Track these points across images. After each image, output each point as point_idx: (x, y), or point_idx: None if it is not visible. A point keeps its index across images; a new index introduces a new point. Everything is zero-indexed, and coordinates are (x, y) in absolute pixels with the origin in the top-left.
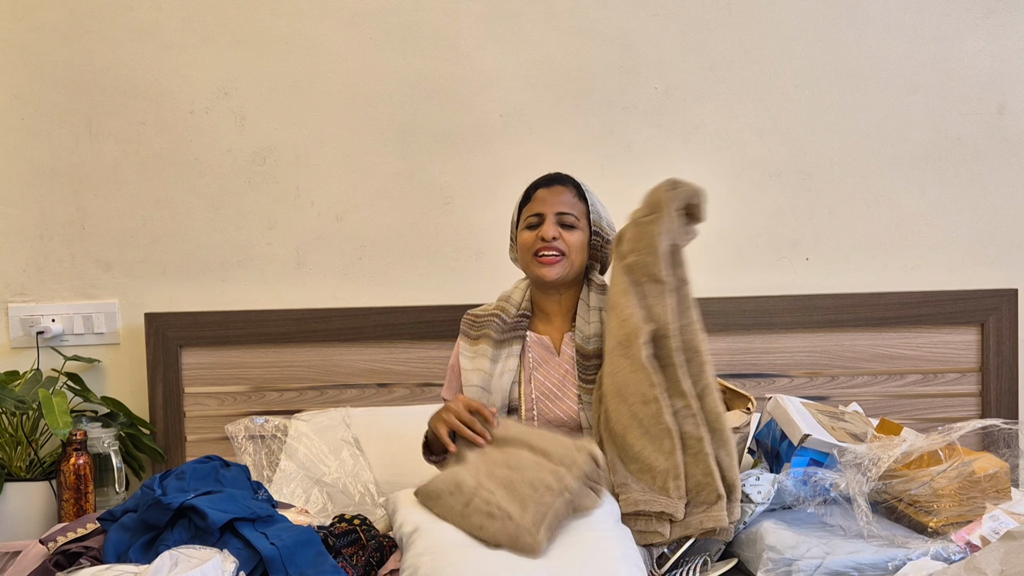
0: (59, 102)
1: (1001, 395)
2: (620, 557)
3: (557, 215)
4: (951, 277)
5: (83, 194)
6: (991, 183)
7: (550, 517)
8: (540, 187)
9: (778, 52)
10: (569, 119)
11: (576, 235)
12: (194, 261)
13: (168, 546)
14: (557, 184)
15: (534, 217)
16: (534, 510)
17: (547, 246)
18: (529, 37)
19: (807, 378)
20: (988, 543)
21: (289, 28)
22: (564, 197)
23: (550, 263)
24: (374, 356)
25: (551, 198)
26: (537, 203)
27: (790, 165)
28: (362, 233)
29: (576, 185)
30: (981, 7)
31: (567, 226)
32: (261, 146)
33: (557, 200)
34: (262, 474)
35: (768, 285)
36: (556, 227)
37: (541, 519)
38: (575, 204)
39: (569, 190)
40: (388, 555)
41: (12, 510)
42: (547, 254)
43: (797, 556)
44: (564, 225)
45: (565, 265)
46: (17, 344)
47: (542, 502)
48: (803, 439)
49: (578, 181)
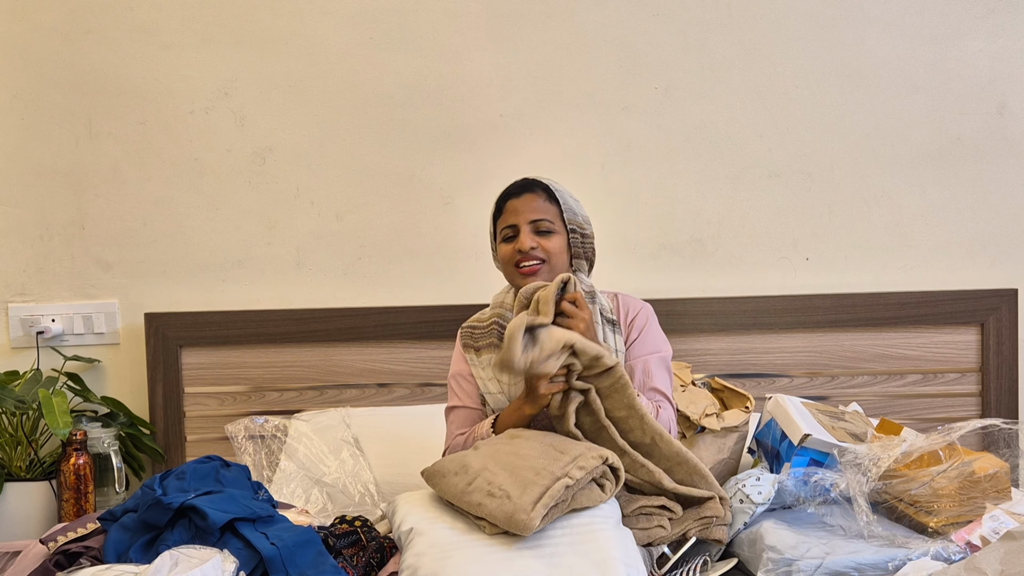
0: (59, 102)
1: (1001, 395)
2: (619, 556)
3: (531, 223)
4: (951, 277)
5: (83, 194)
6: (991, 183)
7: (546, 498)
8: (510, 197)
9: (778, 52)
10: (569, 119)
11: (554, 240)
12: (194, 261)
13: (168, 546)
14: (526, 192)
15: (508, 229)
16: (532, 491)
17: (526, 256)
18: (529, 37)
19: (807, 378)
20: (988, 543)
21: (289, 28)
22: (535, 204)
23: (532, 272)
24: (374, 356)
25: (522, 207)
26: (509, 214)
27: (790, 165)
28: (362, 233)
29: (545, 188)
30: (981, 7)
31: (543, 232)
32: (261, 146)
33: (528, 208)
34: (262, 474)
35: (768, 285)
36: (532, 236)
37: (537, 498)
38: (547, 208)
39: (539, 195)
40: (388, 556)
41: (12, 510)
42: (527, 264)
43: (797, 556)
44: (540, 232)
45: (548, 271)
46: (17, 344)
47: (541, 483)
48: (803, 439)
49: (546, 183)
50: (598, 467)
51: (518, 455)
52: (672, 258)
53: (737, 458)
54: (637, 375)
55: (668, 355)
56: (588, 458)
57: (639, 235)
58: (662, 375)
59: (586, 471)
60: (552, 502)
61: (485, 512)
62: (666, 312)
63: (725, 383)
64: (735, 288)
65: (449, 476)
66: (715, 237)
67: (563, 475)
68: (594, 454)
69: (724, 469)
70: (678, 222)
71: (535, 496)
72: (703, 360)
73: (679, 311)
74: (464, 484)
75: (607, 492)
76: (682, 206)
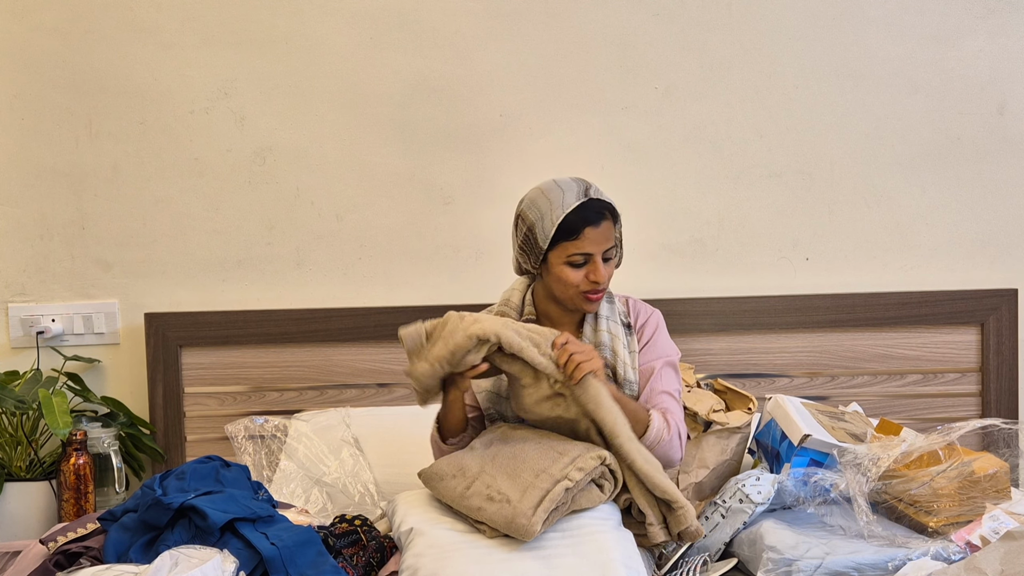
0: (59, 102)
1: (1001, 395)
2: (619, 558)
3: (604, 252)
4: (951, 277)
5: (83, 194)
6: (991, 183)
7: (546, 502)
8: (589, 225)
9: (778, 52)
10: (569, 119)
11: (612, 265)
12: (194, 261)
13: (168, 546)
14: (604, 221)
15: (581, 256)
16: (532, 495)
17: (599, 288)
18: (529, 37)
19: (807, 378)
20: (988, 543)
21: (289, 28)
22: (610, 233)
23: (599, 300)
24: (374, 356)
25: (600, 237)
26: (587, 243)
27: (790, 165)
28: (362, 233)
29: (613, 212)
30: (981, 7)
31: (607, 259)
32: (261, 146)
33: (604, 239)
34: (262, 474)
35: (768, 285)
36: (604, 266)
37: (538, 503)
38: (613, 235)
39: (611, 223)
40: (389, 556)
41: (12, 510)
42: (597, 294)
43: (797, 556)
44: (606, 259)
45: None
46: (17, 344)
47: (541, 487)
48: (803, 439)
49: (612, 206)
50: (597, 467)
51: (516, 457)
52: (672, 258)
53: (739, 459)
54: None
55: (676, 359)
56: (587, 459)
57: (639, 235)
58: (670, 378)
59: (585, 472)
60: (552, 506)
61: (485, 516)
62: (666, 312)
63: (728, 384)
64: (735, 288)
65: (447, 479)
66: (715, 237)
67: (563, 477)
68: (593, 455)
69: (726, 470)
70: (678, 222)
71: (535, 500)
72: (703, 360)
73: (679, 311)
74: (462, 488)
75: (606, 492)
76: (682, 206)
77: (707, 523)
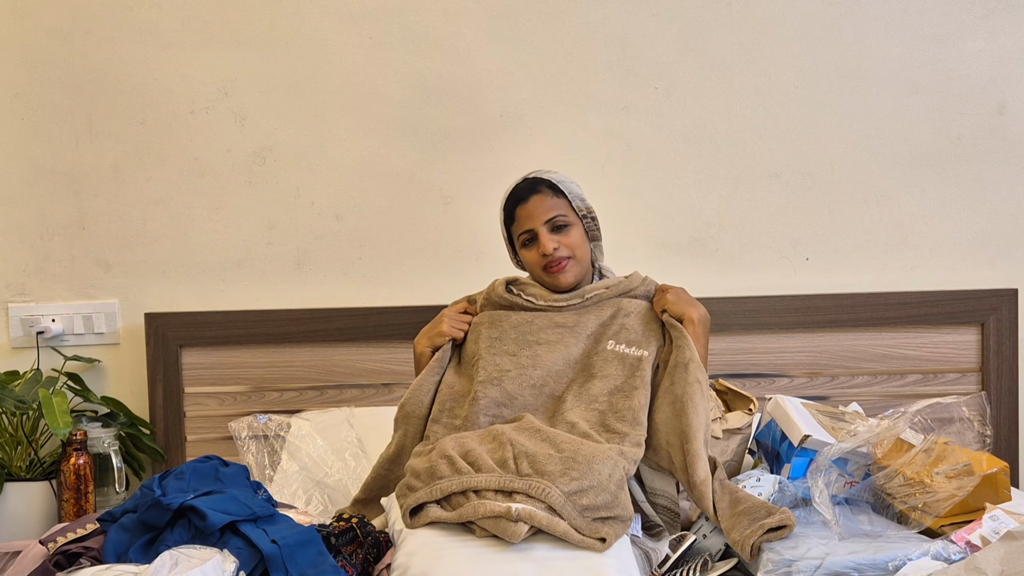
0: (59, 102)
1: (1001, 395)
2: (611, 562)
3: (546, 223)
4: (951, 277)
5: (83, 194)
6: (991, 183)
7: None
8: (519, 203)
9: (778, 52)
10: (569, 119)
11: (572, 232)
12: (194, 261)
13: (168, 546)
14: (532, 195)
15: (526, 235)
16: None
17: (552, 258)
18: (529, 37)
19: (807, 378)
20: (988, 543)
21: (289, 28)
22: (545, 203)
23: (563, 269)
24: (374, 356)
25: (534, 210)
26: (523, 220)
27: (790, 165)
28: (362, 233)
29: (549, 184)
30: (981, 7)
31: (560, 228)
32: (261, 146)
33: (540, 209)
34: (264, 473)
35: (768, 285)
36: (551, 236)
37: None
38: (557, 204)
39: (546, 194)
40: (384, 550)
41: (12, 510)
42: (555, 264)
43: (797, 556)
44: (557, 228)
45: (576, 265)
46: (17, 344)
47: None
48: (803, 439)
49: (548, 178)
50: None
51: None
52: (672, 258)
53: (739, 460)
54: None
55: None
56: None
57: (639, 235)
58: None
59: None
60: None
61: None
62: None
63: (729, 385)
64: (735, 288)
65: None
66: (715, 237)
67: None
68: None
69: (727, 471)
70: (678, 222)
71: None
72: None
73: None
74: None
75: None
76: (682, 206)
77: (707, 524)
